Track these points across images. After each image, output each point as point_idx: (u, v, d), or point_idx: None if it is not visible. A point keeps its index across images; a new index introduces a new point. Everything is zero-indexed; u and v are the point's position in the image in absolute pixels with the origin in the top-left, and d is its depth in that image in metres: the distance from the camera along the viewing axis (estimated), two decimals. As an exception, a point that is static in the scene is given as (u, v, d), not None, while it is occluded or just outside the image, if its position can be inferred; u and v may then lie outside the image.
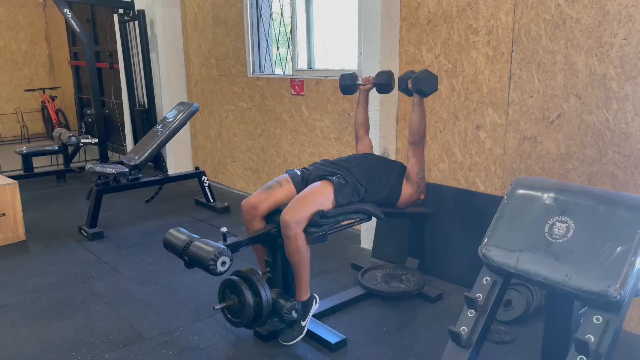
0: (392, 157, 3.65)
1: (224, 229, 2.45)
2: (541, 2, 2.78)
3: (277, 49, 4.80)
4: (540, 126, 2.89)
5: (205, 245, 2.27)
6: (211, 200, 4.82)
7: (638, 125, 2.52)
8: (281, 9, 4.60)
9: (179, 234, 2.45)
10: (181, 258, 2.38)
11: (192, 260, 2.30)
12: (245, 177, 5.32)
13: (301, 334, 2.61)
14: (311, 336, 2.64)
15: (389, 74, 2.99)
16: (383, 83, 2.99)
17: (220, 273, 2.24)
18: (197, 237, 2.40)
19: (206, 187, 4.78)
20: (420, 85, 2.66)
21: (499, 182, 3.14)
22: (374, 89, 3.06)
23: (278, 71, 4.85)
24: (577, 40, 2.67)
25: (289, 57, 4.62)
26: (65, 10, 5.69)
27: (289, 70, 4.66)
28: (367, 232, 3.80)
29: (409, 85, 2.73)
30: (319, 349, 2.58)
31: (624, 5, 2.49)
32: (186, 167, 6.08)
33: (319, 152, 4.35)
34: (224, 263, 2.22)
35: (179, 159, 6.02)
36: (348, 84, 3.08)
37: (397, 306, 2.99)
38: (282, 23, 4.65)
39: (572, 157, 2.78)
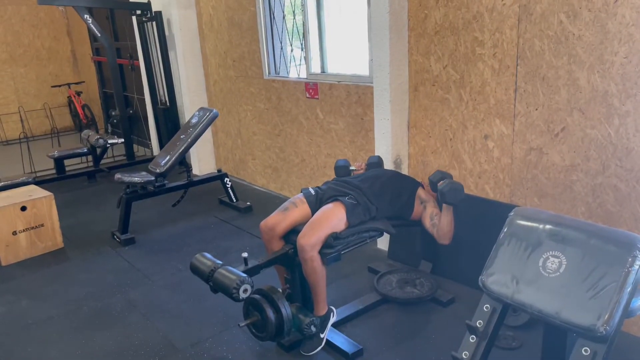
0: (405, 162, 3.77)
1: (245, 254, 2.65)
2: (544, 18, 2.84)
3: (292, 50, 4.89)
4: (545, 138, 2.98)
5: (229, 274, 2.47)
6: (234, 200, 5.03)
7: (639, 141, 2.59)
8: (293, 12, 4.68)
9: (204, 260, 2.65)
10: (207, 283, 2.60)
11: (217, 287, 2.51)
12: (265, 174, 5.51)
13: (320, 344, 2.83)
14: (330, 346, 2.85)
15: (379, 162, 3.36)
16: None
17: (243, 300, 2.44)
18: (221, 263, 2.60)
19: (229, 188, 4.98)
20: (447, 199, 2.79)
21: (507, 189, 3.25)
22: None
23: (293, 71, 4.96)
24: (580, 57, 2.73)
25: (303, 59, 4.72)
26: (85, 16, 5.87)
27: (303, 72, 4.77)
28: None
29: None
30: (337, 358, 2.80)
31: (624, 25, 2.53)
32: (209, 163, 6.29)
33: (334, 153, 4.48)
34: (245, 290, 2.42)
35: (202, 156, 6.23)
36: (343, 173, 3.33)
37: (411, 311, 3.17)
38: (294, 25, 4.74)
39: (577, 169, 2.87)
